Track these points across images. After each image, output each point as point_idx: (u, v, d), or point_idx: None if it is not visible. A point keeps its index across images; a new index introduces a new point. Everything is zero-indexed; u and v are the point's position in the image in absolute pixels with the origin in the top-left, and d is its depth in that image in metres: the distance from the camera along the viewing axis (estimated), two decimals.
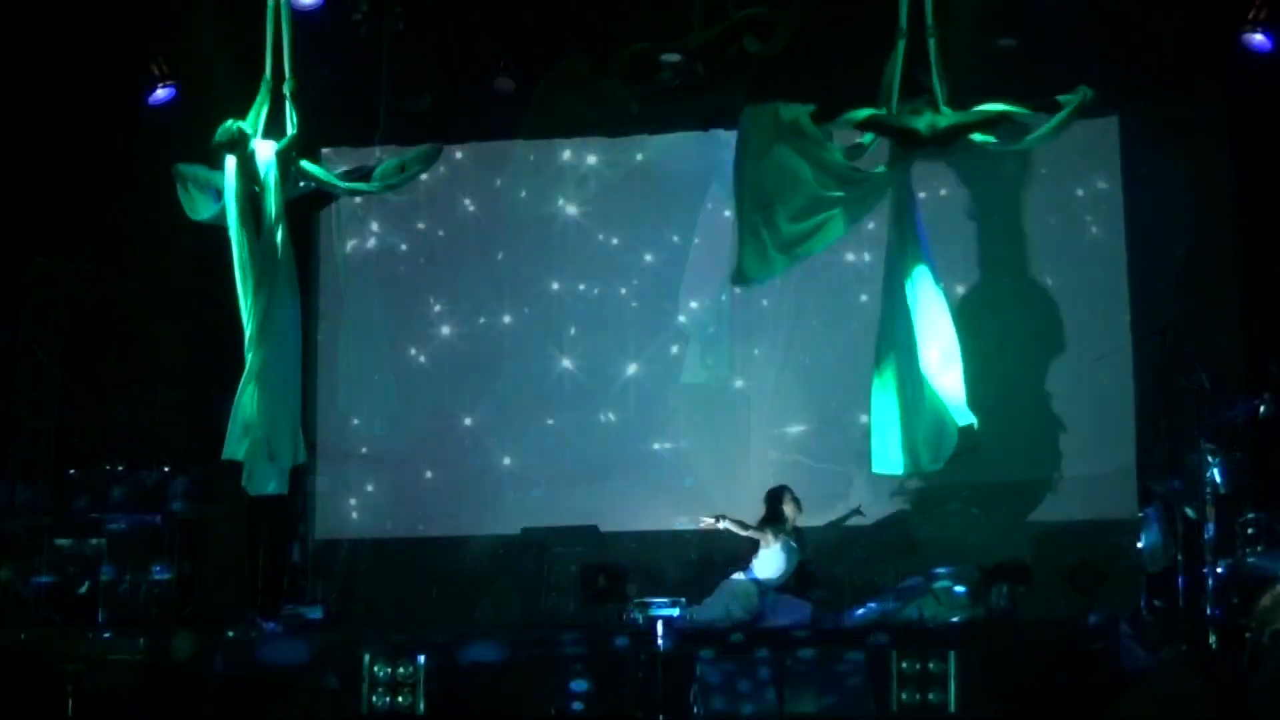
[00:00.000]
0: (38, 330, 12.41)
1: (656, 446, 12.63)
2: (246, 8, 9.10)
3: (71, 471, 11.74)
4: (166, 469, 11.77)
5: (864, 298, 11.81)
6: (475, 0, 11.71)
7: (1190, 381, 10.28)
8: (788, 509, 10.72)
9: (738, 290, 11.90)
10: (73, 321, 12.54)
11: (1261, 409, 10.06)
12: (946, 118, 8.69)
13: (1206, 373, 10.38)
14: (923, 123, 8.64)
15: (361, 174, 9.63)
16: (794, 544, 10.61)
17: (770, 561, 10.55)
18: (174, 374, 12.73)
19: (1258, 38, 10.77)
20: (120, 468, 11.74)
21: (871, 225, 10.38)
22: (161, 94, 11.53)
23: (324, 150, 11.96)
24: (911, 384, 8.87)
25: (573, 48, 11.88)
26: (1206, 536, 9.92)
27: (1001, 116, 8.27)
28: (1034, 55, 11.36)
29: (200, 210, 9.35)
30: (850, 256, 12.25)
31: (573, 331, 12.82)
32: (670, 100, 12.22)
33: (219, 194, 9.22)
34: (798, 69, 11.19)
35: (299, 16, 9.39)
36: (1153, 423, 11.55)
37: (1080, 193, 12.24)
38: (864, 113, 8.89)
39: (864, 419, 9.96)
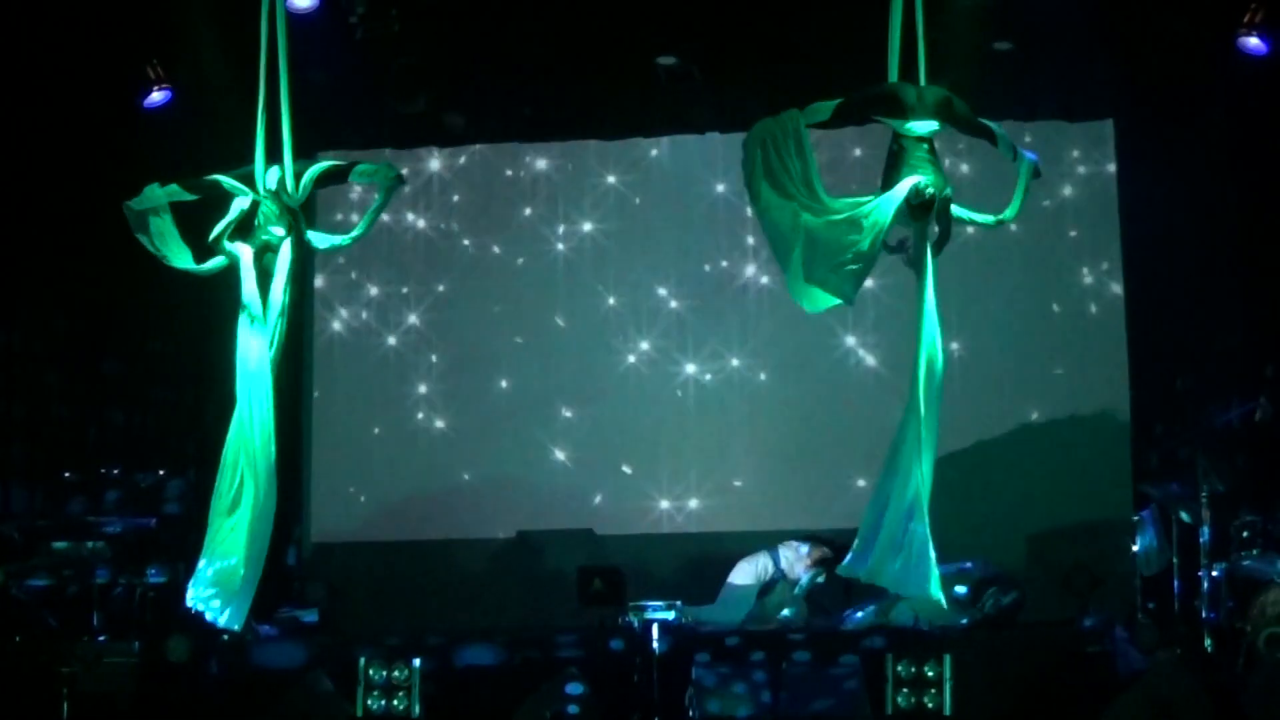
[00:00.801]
0: (36, 330, 12.41)
1: (655, 447, 12.62)
2: (246, 8, 8.99)
3: (67, 474, 11.73)
4: (162, 472, 11.76)
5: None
6: (473, 2, 11.69)
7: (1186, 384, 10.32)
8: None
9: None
10: (71, 322, 12.54)
11: (1258, 412, 10.07)
12: (936, 91, 7.90)
13: (1205, 375, 10.46)
14: (910, 92, 7.80)
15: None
16: (815, 584, 10.68)
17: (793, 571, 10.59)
18: (171, 376, 12.73)
19: (1253, 41, 10.78)
20: (116, 470, 11.73)
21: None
22: (158, 96, 11.51)
23: (320, 154, 11.93)
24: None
25: (573, 48, 11.87)
26: (1202, 539, 9.93)
27: (985, 129, 8.05)
28: (1031, 58, 11.38)
29: (176, 255, 8.55)
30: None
31: (573, 334, 12.81)
32: (668, 102, 12.23)
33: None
34: (801, 74, 11.14)
35: (297, 20, 9.28)
36: (1149, 425, 11.57)
37: (1078, 195, 12.23)
38: (831, 103, 7.85)
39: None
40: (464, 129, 12.49)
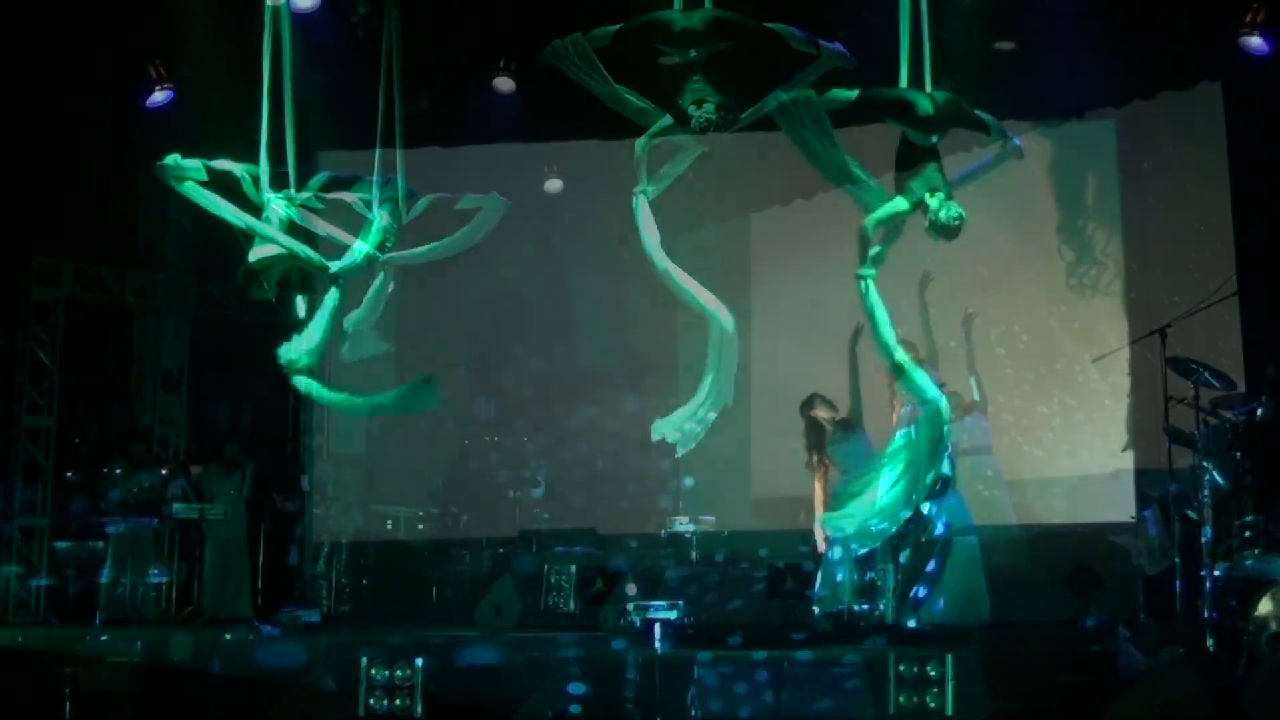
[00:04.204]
0: (38, 330, 12.43)
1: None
2: (248, 8, 8.98)
3: (70, 474, 11.76)
4: (164, 471, 11.79)
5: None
6: (474, 1, 11.69)
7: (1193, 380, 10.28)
8: (822, 413, 10.37)
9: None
10: (73, 321, 12.56)
11: (1259, 411, 10.06)
12: (946, 96, 7.85)
13: (1206, 373, 10.37)
14: (924, 100, 7.71)
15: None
16: (862, 432, 10.26)
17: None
18: (172, 376, 12.75)
19: (1255, 40, 10.78)
20: (119, 470, 11.75)
21: None
22: (159, 97, 11.51)
23: (321, 154, 11.94)
24: None
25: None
26: (1204, 539, 9.92)
27: (981, 122, 8.02)
28: (1033, 58, 11.39)
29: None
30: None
31: (573, 334, 12.82)
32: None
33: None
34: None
35: (298, 19, 9.22)
36: (1150, 425, 11.57)
37: (1078, 194, 12.25)
38: (851, 93, 7.76)
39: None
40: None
